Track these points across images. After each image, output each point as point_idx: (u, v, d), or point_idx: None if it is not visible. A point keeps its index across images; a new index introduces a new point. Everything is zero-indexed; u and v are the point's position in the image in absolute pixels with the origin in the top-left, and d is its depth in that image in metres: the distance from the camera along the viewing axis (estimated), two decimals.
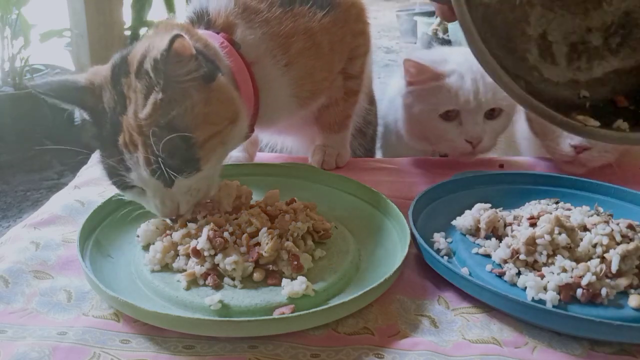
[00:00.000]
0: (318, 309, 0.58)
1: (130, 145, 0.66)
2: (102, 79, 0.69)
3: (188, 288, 0.62)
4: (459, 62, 0.96)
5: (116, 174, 0.68)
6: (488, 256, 0.69)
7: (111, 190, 0.80)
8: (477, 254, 0.70)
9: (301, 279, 0.62)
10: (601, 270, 0.62)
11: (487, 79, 0.86)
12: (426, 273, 0.69)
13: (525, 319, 0.61)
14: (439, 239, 0.72)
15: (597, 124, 0.61)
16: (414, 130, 1.01)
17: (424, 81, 0.96)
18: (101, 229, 0.72)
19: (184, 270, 0.64)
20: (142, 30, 2.38)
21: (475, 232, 0.73)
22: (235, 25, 0.80)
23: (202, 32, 0.77)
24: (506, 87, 0.59)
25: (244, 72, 0.78)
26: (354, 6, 0.92)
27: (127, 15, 2.29)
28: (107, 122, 0.68)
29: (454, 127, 0.95)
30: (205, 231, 0.64)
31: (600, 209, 0.73)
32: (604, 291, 0.61)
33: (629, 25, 0.66)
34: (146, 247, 0.69)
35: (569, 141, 0.90)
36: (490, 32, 0.57)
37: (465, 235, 0.74)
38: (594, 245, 0.65)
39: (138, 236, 0.70)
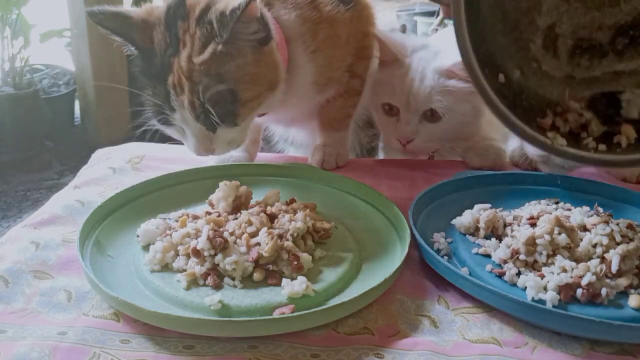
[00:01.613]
0: (318, 309, 0.59)
1: (177, 87, 0.71)
2: (155, 18, 0.73)
3: (188, 288, 0.62)
4: (416, 58, 0.95)
5: (160, 112, 0.73)
6: (488, 256, 0.69)
7: (111, 190, 0.80)
8: (477, 254, 0.70)
9: (301, 279, 0.62)
10: (601, 270, 0.62)
11: (427, 82, 0.91)
12: (426, 273, 0.69)
13: (525, 318, 0.61)
14: (439, 239, 0.72)
15: (564, 142, 0.62)
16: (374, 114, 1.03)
17: (384, 63, 0.96)
18: (101, 229, 0.72)
19: (184, 270, 0.64)
20: None
21: (475, 232, 0.73)
22: (273, 3, 0.82)
23: None
24: (479, 86, 0.59)
25: (283, 47, 0.81)
26: (367, 8, 0.95)
27: None
28: (157, 61, 0.72)
29: (392, 123, 0.96)
30: (205, 231, 0.64)
31: (600, 209, 0.73)
32: (604, 291, 0.61)
33: (639, 28, 0.65)
34: (146, 247, 0.69)
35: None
36: (499, 18, 0.57)
37: (465, 235, 0.74)
38: (594, 246, 0.65)
39: (138, 236, 0.70)
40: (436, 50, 0.96)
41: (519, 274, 0.65)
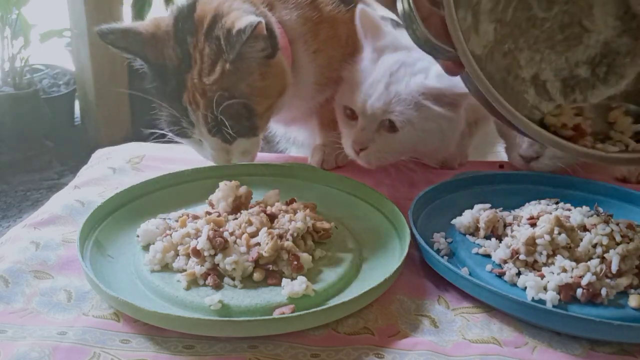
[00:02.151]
0: (318, 309, 0.58)
1: (193, 104, 0.73)
2: (164, 32, 0.74)
3: (188, 288, 0.62)
4: (389, 60, 0.86)
5: (178, 124, 0.76)
6: (488, 256, 0.69)
7: (111, 190, 0.80)
8: (477, 254, 0.70)
9: (301, 279, 0.62)
10: (601, 270, 0.62)
11: (393, 88, 0.82)
12: (426, 273, 0.69)
13: (525, 318, 0.61)
14: (439, 239, 0.72)
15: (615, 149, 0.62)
16: None
17: (367, 41, 0.87)
18: (101, 229, 0.72)
19: (184, 270, 0.64)
20: None
21: (475, 232, 0.73)
22: (275, 5, 0.83)
23: None
24: (516, 119, 0.59)
25: (287, 49, 0.82)
26: None
27: (127, 15, 2.29)
28: (172, 78, 0.73)
29: (351, 127, 0.87)
30: (205, 231, 0.64)
31: (600, 209, 0.73)
32: (604, 291, 0.61)
33: (611, 54, 0.68)
34: (146, 247, 0.68)
35: (518, 151, 0.88)
36: (487, 79, 0.59)
37: (465, 235, 0.74)
38: (594, 246, 0.65)
39: (138, 236, 0.70)
40: (416, 57, 0.85)
41: (519, 274, 0.65)
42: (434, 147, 0.87)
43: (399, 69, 0.84)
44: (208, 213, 0.72)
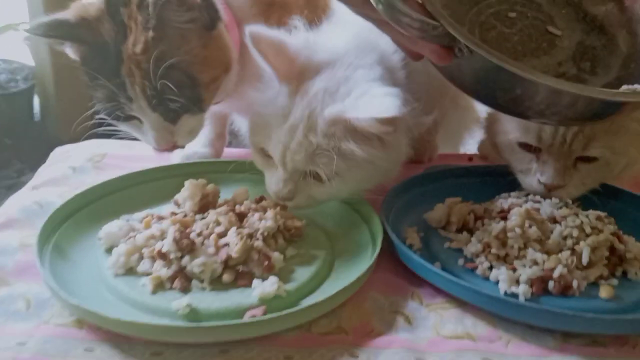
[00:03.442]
0: (290, 310, 0.57)
1: (130, 76, 0.69)
2: (96, 11, 0.71)
3: (154, 292, 0.60)
4: (305, 96, 0.66)
5: (115, 99, 0.71)
6: (460, 250, 0.69)
7: (71, 191, 0.77)
8: (449, 248, 0.70)
9: (272, 279, 0.60)
10: (572, 262, 0.63)
11: (314, 135, 0.65)
12: (399, 269, 0.68)
13: (499, 313, 0.61)
14: (412, 233, 0.71)
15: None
16: None
17: (276, 72, 0.67)
18: (61, 232, 0.69)
19: (150, 274, 0.62)
20: None
21: (446, 226, 0.73)
22: None
23: None
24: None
25: (234, 29, 0.78)
26: None
27: None
28: (111, 53, 0.70)
29: (270, 167, 0.72)
30: (171, 232, 0.62)
31: (569, 201, 0.74)
32: (575, 283, 0.61)
33: (589, 50, 0.68)
34: (109, 250, 0.66)
35: (537, 177, 0.74)
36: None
37: (437, 229, 0.73)
38: (565, 238, 0.65)
39: (100, 239, 0.67)
40: (339, 78, 0.66)
41: (491, 267, 0.65)
42: (376, 181, 0.72)
43: (318, 106, 0.65)
44: (174, 213, 0.69)
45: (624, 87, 0.57)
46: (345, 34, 0.72)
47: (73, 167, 0.89)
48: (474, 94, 0.66)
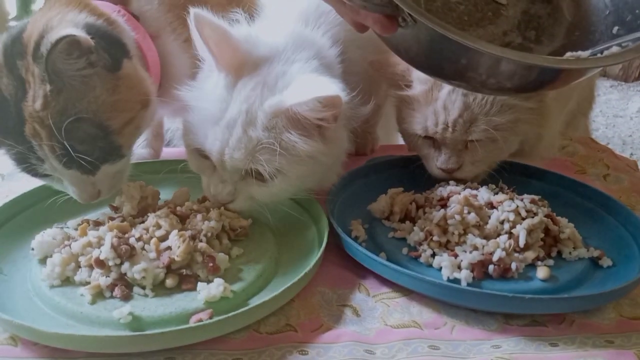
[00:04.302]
0: (238, 311, 0.56)
1: (36, 137, 0.62)
2: None
3: (93, 302, 0.58)
4: (244, 90, 0.65)
5: (26, 161, 0.64)
6: (404, 239, 0.70)
7: (0, 199, 0.73)
8: (393, 237, 0.71)
9: (218, 281, 0.59)
10: (510, 245, 0.65)
11: (254, 129, 0.64)
12: (346, 262, 0.68)
13: (442, 298, 0.63)
14: (357, 226, 0.72)
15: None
16: None
17: (215, 59, 0.67)
18: None
19: (88, 283, 0.59)
20: None
21: (390, 216, 0.74)
22: None
23: (98, 3, 0.71)
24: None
25: (149, 43, 0.74)
26: None
27: (11, 6, 2.11)
28: (12, 112, 0.62)
29: (207, 168, 0.70)
30: (109, 239, 0.60)
31: (505, 187, 0.76)
32: (513, 265, 0.64)
33: (534, 19, 0.69)
34: (43, 261, 0.63)
35: (435, 162, 0.78)
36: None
37: (381, 220, 0.74)
38: (502, 222, 0.68)
39: (33, 249, 0.64)
40: (278, 73, 0.66)
41: (434, 255, 0.66)
42: (319, 179, 0.71)
43: (256, 100, 0.65)
44: (111, 218, 0.67)
45: (568, 54, 0.58)
46: (282, 31, 0.72)
47: (1, 174, 0.85)
48: (420, 66, 0.65)
